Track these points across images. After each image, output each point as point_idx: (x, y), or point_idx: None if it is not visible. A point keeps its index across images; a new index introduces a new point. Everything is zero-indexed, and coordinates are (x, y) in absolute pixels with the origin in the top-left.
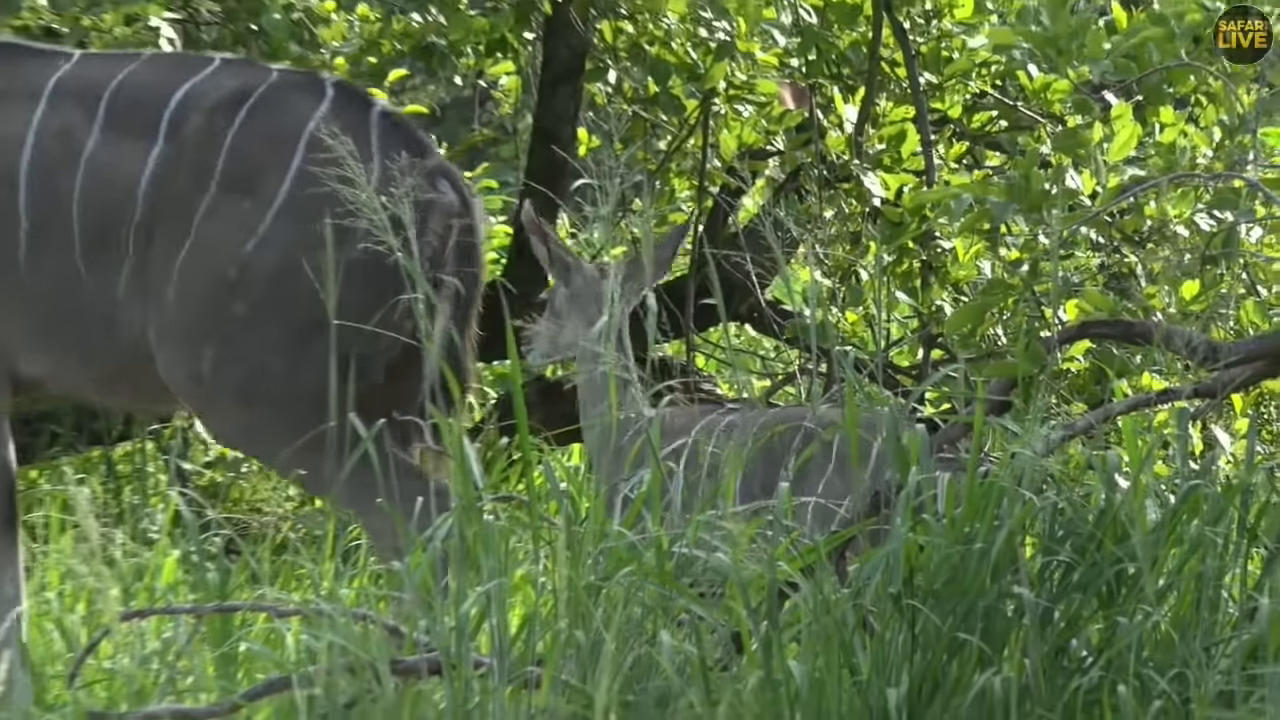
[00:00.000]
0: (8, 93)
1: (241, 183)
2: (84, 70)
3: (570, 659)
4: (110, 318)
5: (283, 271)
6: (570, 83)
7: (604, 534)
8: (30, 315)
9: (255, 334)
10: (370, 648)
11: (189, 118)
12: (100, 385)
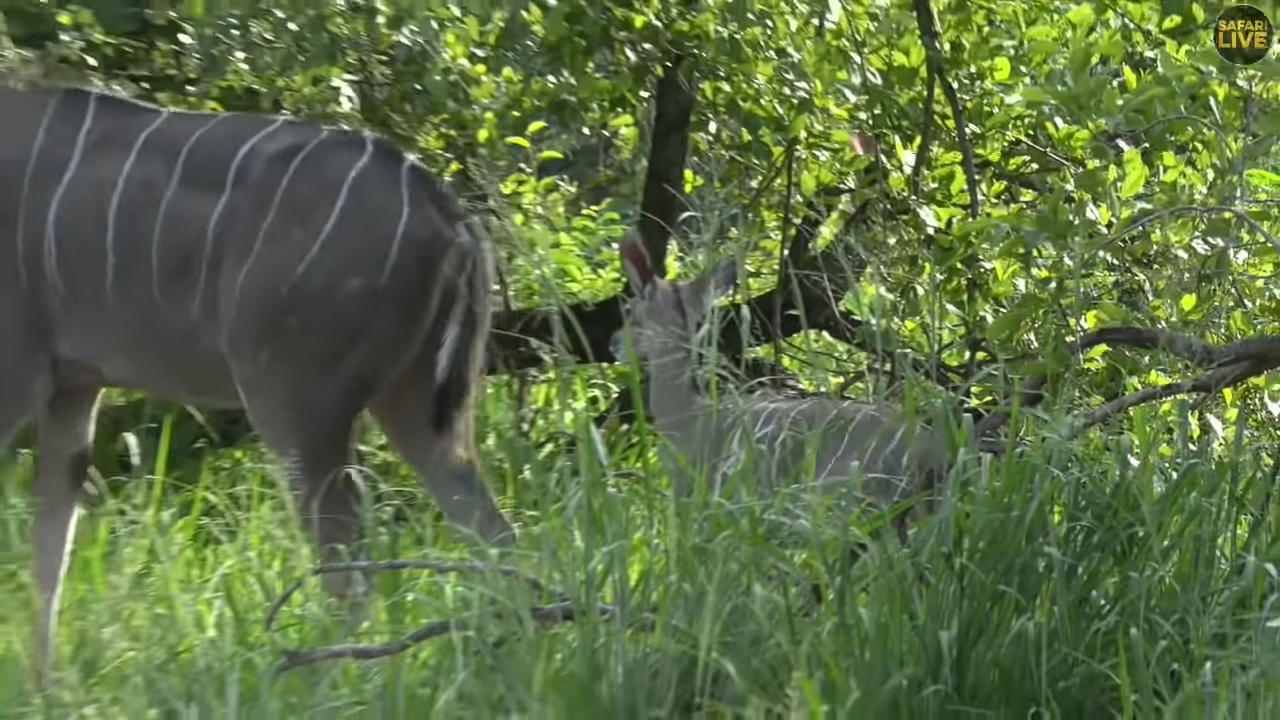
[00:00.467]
0: (106, 141)
1: (294, 218)
2: (169, 126)
3: (679, 607)
4: (191, 334)
5: (327, 291)
6: (678, 132)
7: (706, 504)
8: (115, 333)
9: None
10: (514, 597)
11: (252, 168)
12: (185, 386)
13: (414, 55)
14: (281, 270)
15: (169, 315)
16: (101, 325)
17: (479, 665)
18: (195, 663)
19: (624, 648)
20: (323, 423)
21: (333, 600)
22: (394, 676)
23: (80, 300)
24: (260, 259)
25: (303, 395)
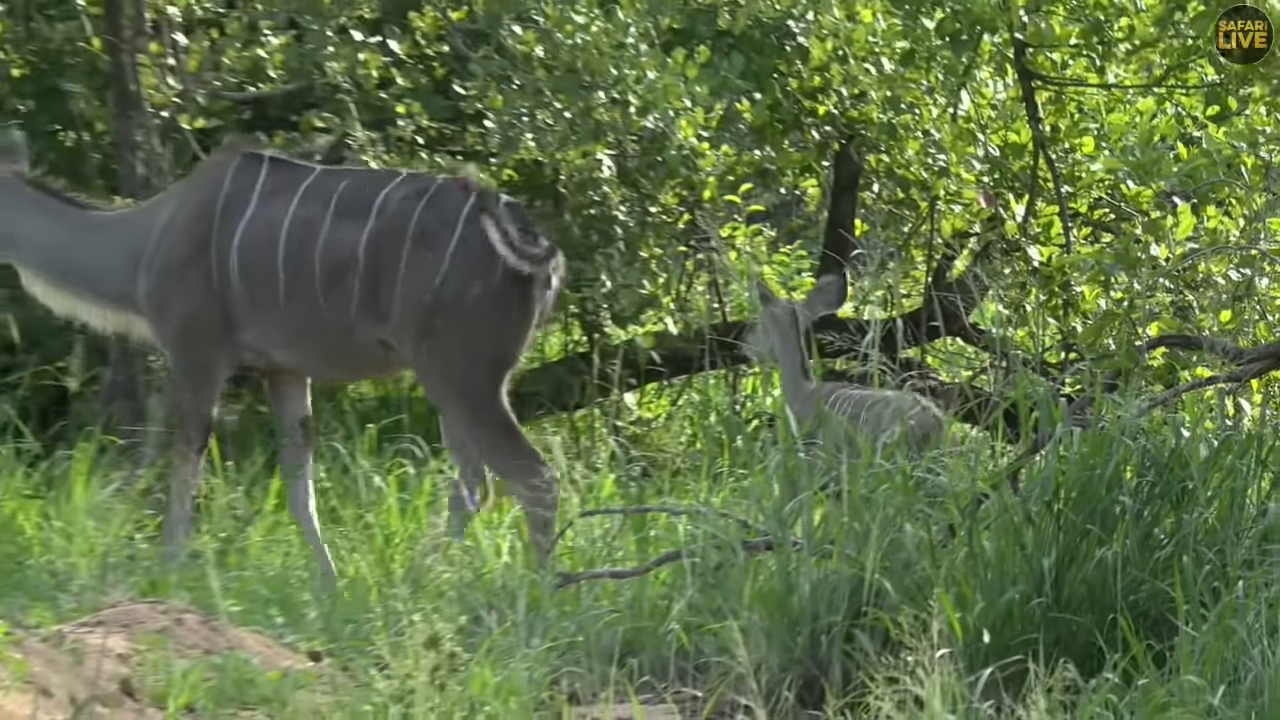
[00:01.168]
0: (276, 191)
1: (425, 244)
2: (322, 179)
3: (850, 541)
4: (348, 329)
5: (457, 297)
6: (850, 192)
7: (870, 464)
8: (284, 330)
9: (446, 335)
10: (730, 533)
11: (389, 206)
12: (338, 369)
13: (656, 135)
14: (424, 284)
15: (329, 315)
16: (274, 323)
17: (703, 584)
18: (494, 582)
19: (810, 570)
20: (476, 393)
21: None
22: (640, 592)
23: (257, 304)
24: (406, 278)
25: (455, 373)
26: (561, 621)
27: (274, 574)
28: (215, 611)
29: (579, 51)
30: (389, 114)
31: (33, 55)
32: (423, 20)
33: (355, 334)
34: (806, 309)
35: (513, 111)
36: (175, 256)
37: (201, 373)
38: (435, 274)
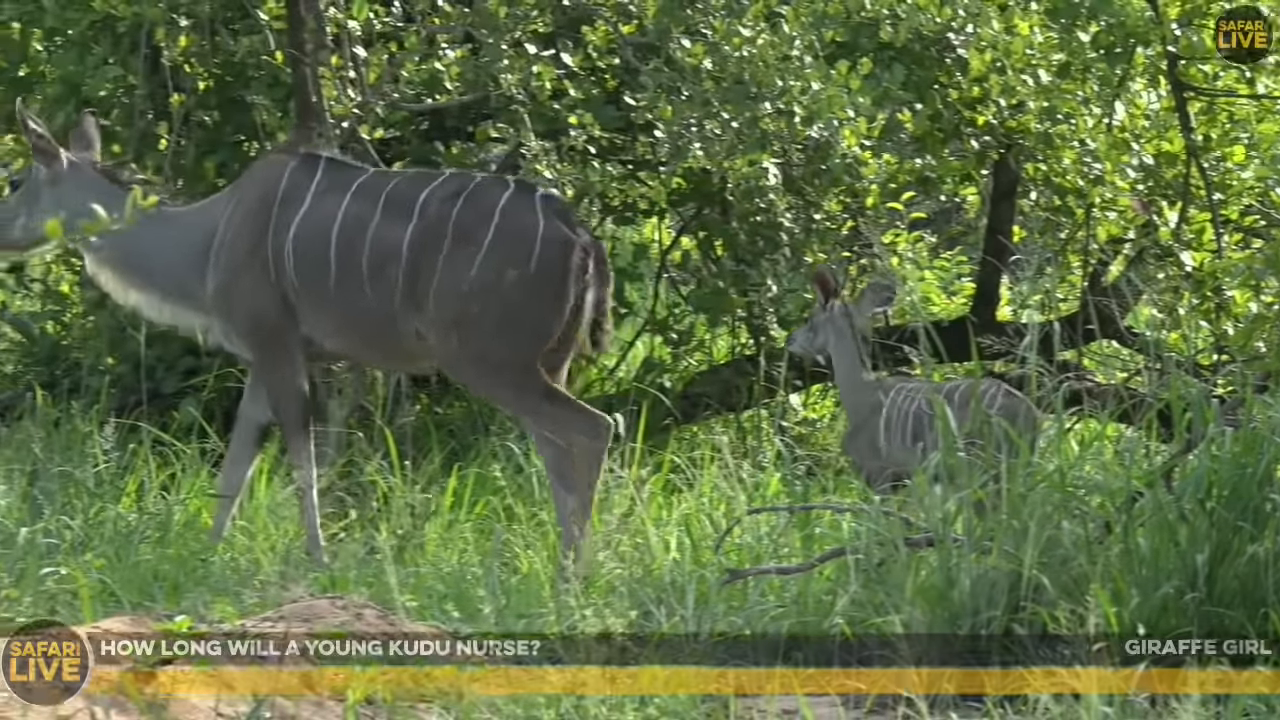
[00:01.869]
0: (330, 189)
1: (464, 238)
2: (373, 179)
3: (1008, 537)
4: (390, 319)
5: (493, 286)
6: (1008, 199)
7: (1029, 463)
8: (332, 318)
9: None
10: (892, 530)
11: (430, 205)
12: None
13: (821, 144)
14: (460, 275)
15: (374, 306)
16: (323, 312)
17: (866, 580)
18: (663, 577)
19: (969, 566)
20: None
21: None
22: (805, 588)
23: (309, 294)
24: (444, 270)
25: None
26: (729, 616)
27: (449, 570)
28: (393, 606)
29: (746, 63)
30: (562, 124)
31: (218, 68)
32: (595, 34)
33: (397, 323)
34: (859, 308)
35: (681, 121)
36: (238, 251)
37: (282, 358)
38: (472, 265)
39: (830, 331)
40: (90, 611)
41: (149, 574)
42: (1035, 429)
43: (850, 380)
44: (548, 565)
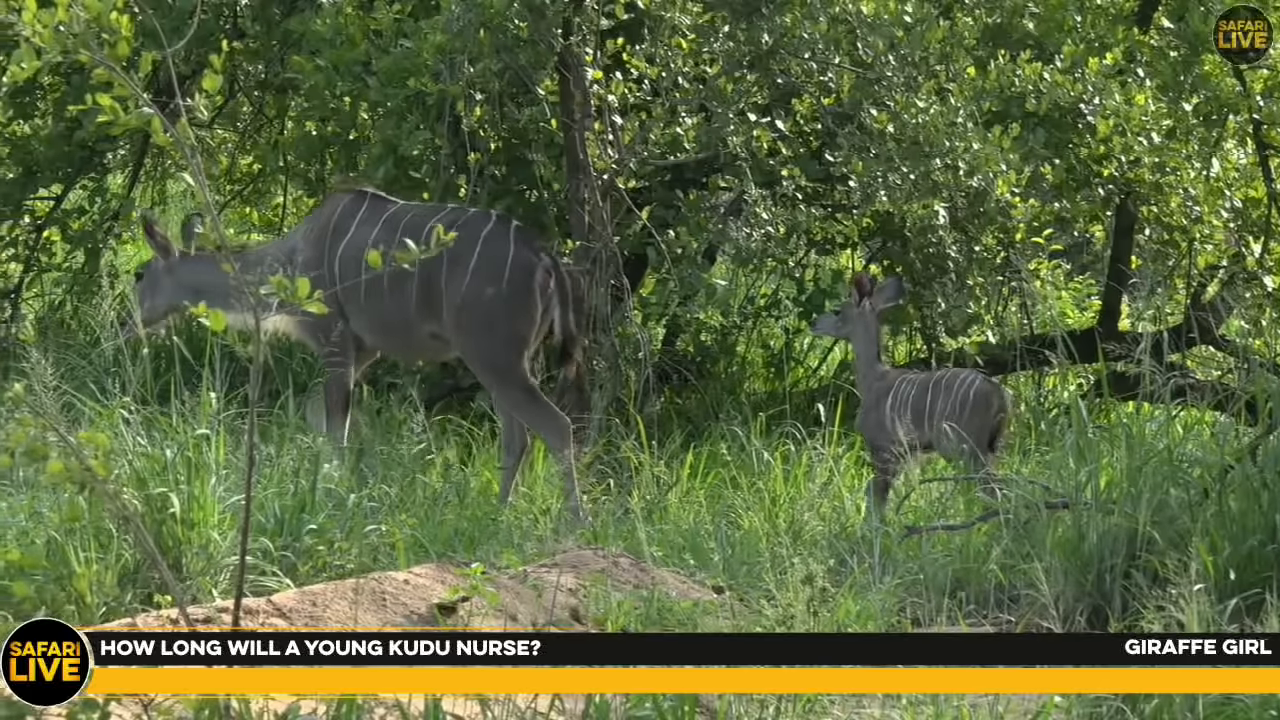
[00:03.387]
0: (368, 220)
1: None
2: (398, 211)
3: (1127, 501)
4: (408, 324)
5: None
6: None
7: (1143, 440)
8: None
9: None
10: (1035, 495)
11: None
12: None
13: (979, 192)
14: (456, 290)
15: (395, 313)
16: (362, 317)
17: (1014, 535)
18: (856, 533)
19: (1097, 523)
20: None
21: None
22: (967, 542)
23: (351, 303)
24: (447, 287)
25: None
26: (907, 564)
27: (687, 527)
28: (643, 556)
29: (921, 128)
30: (776, 176)
31: (506, 132)
32: (802, 105)
33: (413, 328)
34: (875, 303)
35: (870, 174)
36: (307, 270)
37: (339, 357)
38: (462, 283)
39: (857, 325)
40: (404, 560)
41: (451, 530)
42: (1005, 410)
43: (868, 368)
44: (764, 524)
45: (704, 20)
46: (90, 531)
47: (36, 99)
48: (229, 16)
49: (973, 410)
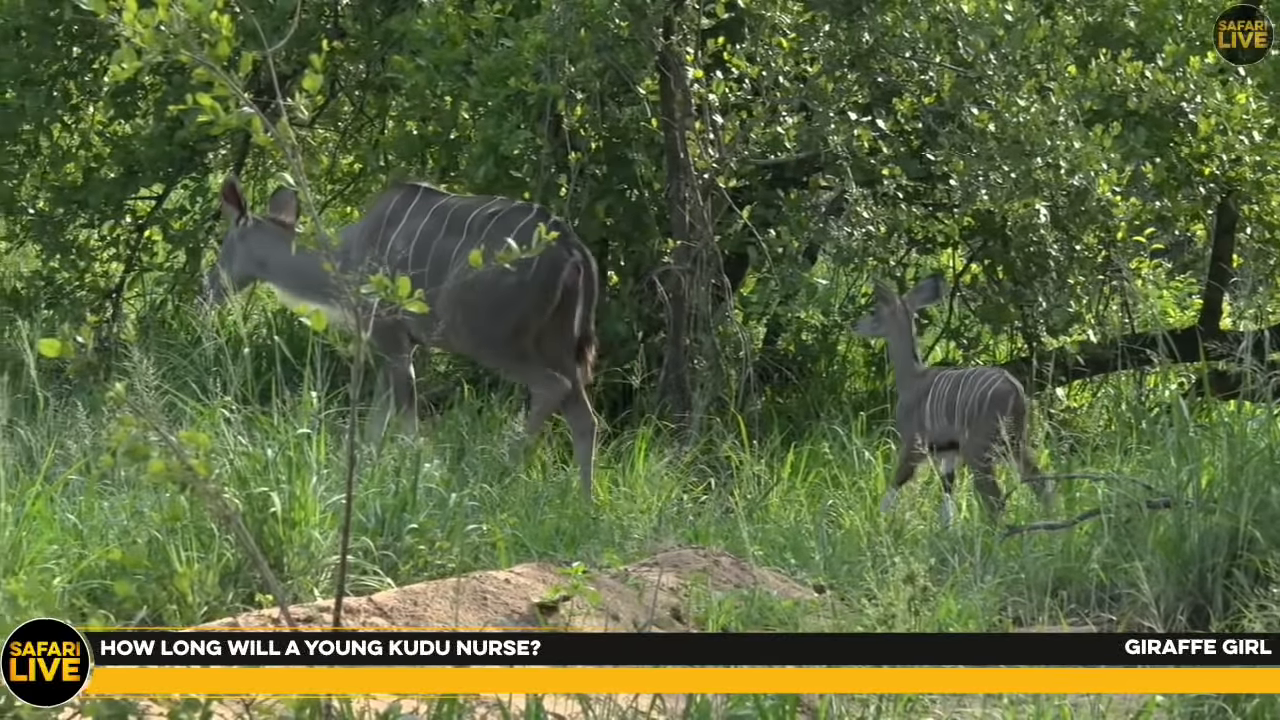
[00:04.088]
0: (419, 211)
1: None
2: (448, 202)
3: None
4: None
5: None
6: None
7: (1244, 440)
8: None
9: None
10: (1137, 494)
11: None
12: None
13: (1080, 191)
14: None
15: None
16: None
17: (1116, 534)
18: (957, 532)
19: (1198, 523)
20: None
21: None
22: (1068, 541)
23: None
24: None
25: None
26: (1008, 563)
27: (788, 526)
28: (744, 555)
29: (1021, 127)
30: (876, 175)
31: (606, 132)
32: (902, 104)
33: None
34: (911, 303)
35: (971, 173)
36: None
37: (392, 345)
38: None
39: (891, 325)
40: (505, 559)
41: (551, 529)
42: (1021, 407)
43: (905, 368)
44: (865, 523)
45: (805, 19)
46: (192, 531)
47: (138, 99)
48: (330, 16)
49: (989, 408)
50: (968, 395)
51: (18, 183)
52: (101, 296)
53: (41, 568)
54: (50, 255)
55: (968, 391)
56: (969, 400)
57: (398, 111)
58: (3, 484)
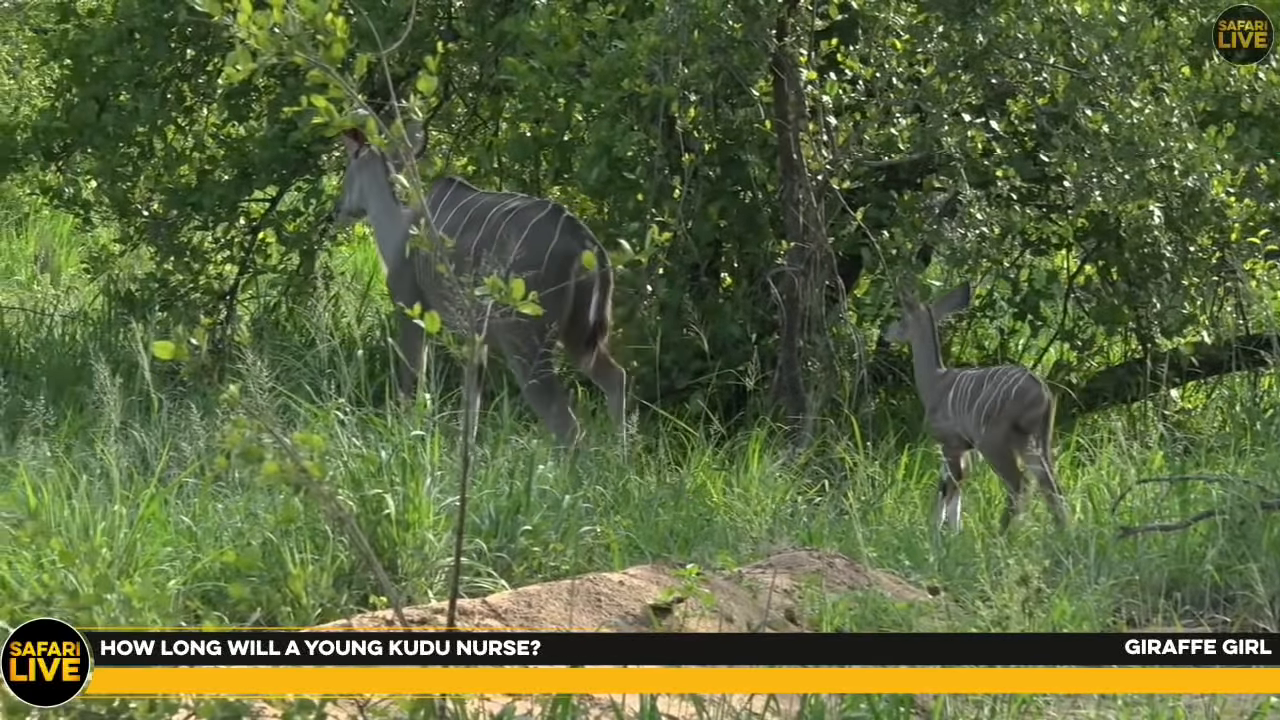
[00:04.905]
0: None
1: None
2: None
3: None
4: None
5: None
6: None
7: None
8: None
9: None
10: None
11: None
12: None
13: (1194, 192)
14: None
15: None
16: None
17: (1230, 535)
18: (1070, 533)
19: None
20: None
21: None
22: (1182, 542)
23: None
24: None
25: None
26: (1122, 564)
27: (902, 528)
28: (858, 557)
29: (1135, 129)
30: (990, 176)
31: (720, 133)
32: (1016, 105)
33: None
34: (938, 311)
35: (1085, 174)
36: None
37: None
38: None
39: (914, 330)
40: (619, 561)
41: (665, 531)
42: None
43: (926, 371)
44: (979, 524)
45: (918, 20)
46: (305, 533)
47: (252, 101)
48: (443, 18)
49: (1011, 405)
50: (990, 393)
51: (132, 185)
52: (216, 299)
53: (156, 570)
54: (165, 258)
55: (990, 389)
56: (991, 398)
57: (511, 114)
58: (117, 486)
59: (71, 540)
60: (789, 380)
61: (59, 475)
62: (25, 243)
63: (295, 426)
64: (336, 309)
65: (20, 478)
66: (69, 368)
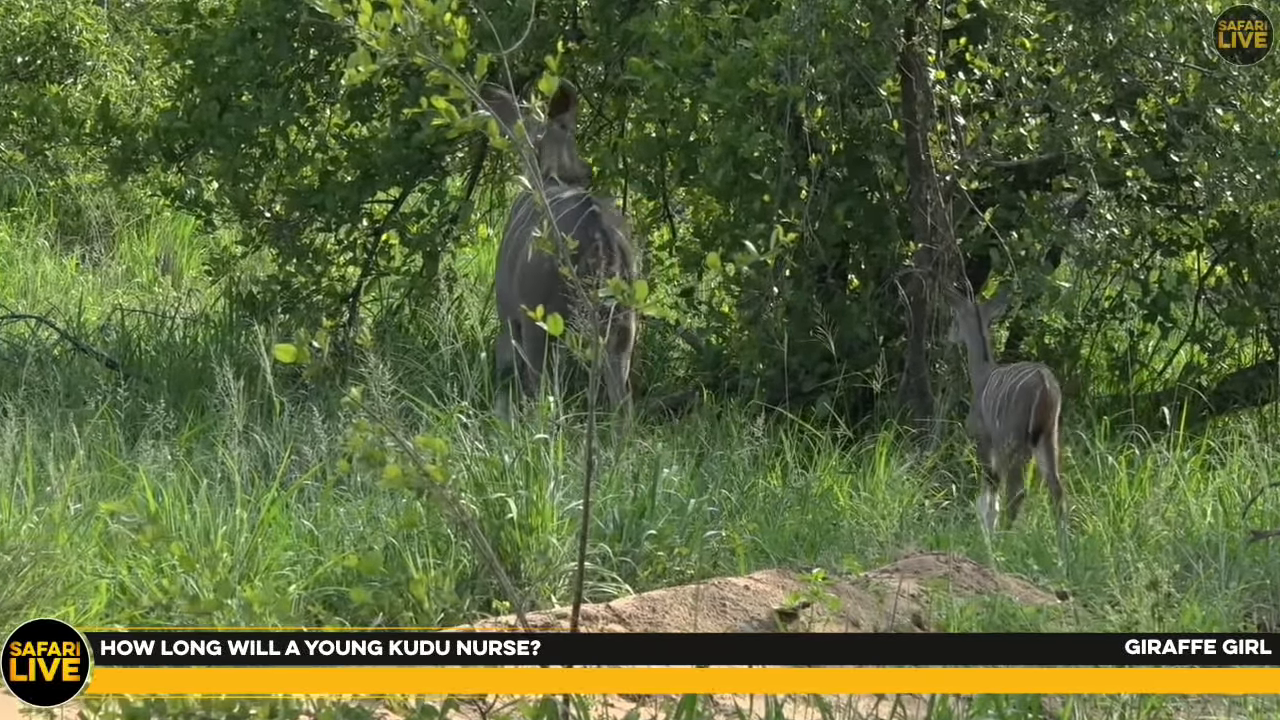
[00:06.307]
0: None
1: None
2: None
3: None
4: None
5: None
6: None
7: None
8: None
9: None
10: None
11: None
12: None
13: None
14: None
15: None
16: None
17: None
18: (1201, 537)
19: None
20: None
21: None
22: None
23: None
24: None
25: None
26: (1254, 568)
27: (1030, 532)
28: (985, 561)
29: (1267, 128)
30: (1120, 177)
31: (847, 134)
32: (1146, 105)
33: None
34: (988, 310)
35: (1216, 174)
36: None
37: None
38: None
39: (964, 327)
40: (744, 565)
41: (791, 535)
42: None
43: (976, 368)
44: (1109, 528)
45: (1047, 19)
46: (428, 537)
47: (374, 101)
48: (568, 18)
49: (1016, 401)
50: (1001, 388)
51: (254, 186)
52: (338, 301)
53: (277, 574)
54: (287, 259)
55: (1002, 385)
56: (1001, 393)
57: (636, 114)
58: (239, 490)
59: (192, 545)
60: (916, 383)
61: (179, 479)
62: (147, 245)
63: (418, 430)
64: (459, 311)
65: (141, 481)
66: (190, 371)
